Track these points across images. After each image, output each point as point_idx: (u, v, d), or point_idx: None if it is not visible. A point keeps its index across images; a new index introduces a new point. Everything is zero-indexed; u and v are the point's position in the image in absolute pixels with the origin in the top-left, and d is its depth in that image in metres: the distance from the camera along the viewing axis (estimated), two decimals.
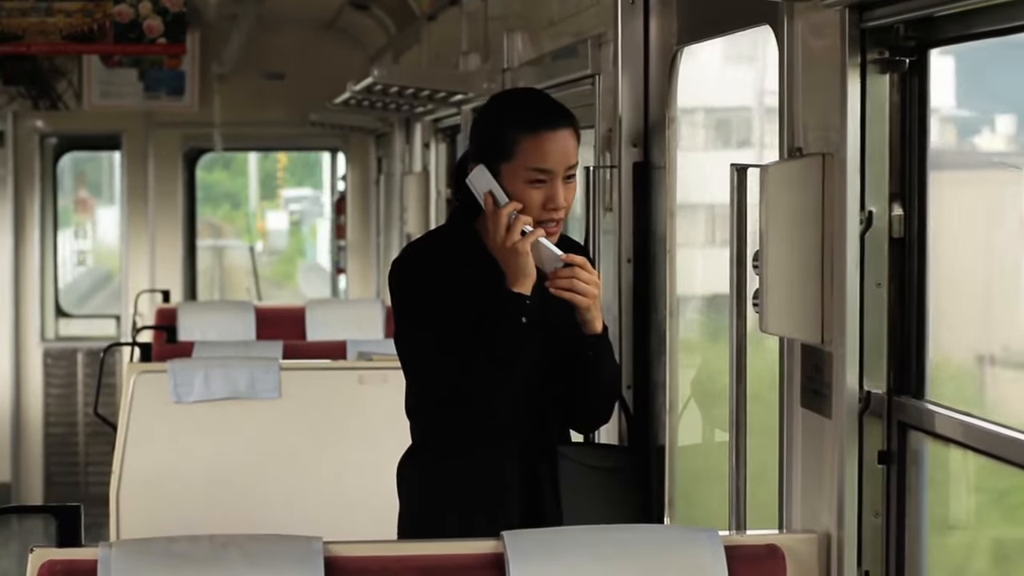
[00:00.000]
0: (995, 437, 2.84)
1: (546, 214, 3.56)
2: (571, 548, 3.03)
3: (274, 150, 16.08)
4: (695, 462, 4.48)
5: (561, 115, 3.61)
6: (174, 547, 2.95)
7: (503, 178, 3.56)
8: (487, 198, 3.56)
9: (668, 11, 4.37)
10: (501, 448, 3.63)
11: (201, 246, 12.15)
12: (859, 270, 3.12)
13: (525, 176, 3.54)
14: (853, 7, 3.04)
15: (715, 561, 3.03)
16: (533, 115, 3.57)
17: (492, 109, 3.70)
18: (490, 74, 6.45)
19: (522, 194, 3.55)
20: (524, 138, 3.54)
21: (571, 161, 3.57)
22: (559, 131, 3.56)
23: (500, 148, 3.56)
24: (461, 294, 3.57)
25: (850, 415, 3.12)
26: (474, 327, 3.53)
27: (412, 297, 3.61)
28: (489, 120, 3.65)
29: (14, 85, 11.35)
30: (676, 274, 4.32)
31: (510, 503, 3.62)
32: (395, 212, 10.15)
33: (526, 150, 3.54)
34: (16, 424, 11.59)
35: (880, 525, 3.16)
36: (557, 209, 3.56)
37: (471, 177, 3.58)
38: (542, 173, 3.54)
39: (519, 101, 3.72)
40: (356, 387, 5.41)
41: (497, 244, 3.55)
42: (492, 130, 3.60)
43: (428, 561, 3.06)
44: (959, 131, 3.21)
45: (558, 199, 3.55)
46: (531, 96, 3.75)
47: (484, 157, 3.58)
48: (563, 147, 3.56)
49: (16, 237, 11.59)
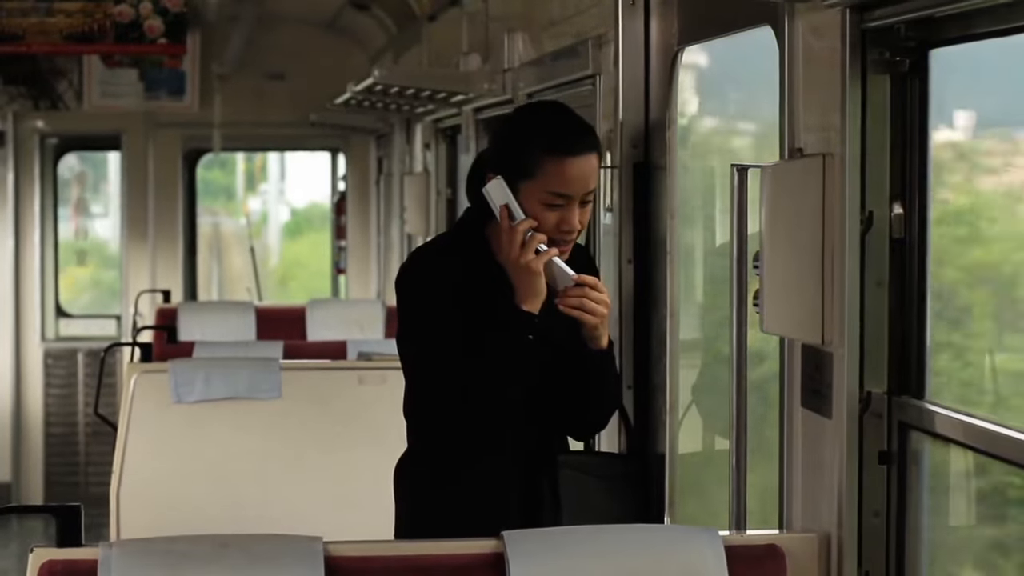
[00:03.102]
0: (995, 437, 2.84)
1: (560, 235, 3.54)
2: (571, 548, 3.03)
3: (274, 150, 16.18)
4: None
5: (587, 139, 3.56)
6: (174, 547, 2.95)
7: (521, 196, 3.53)
8: (503, 211, 3.53)
9: (669, 12, 4.37)
10: (501, 457, 3.62)
11: (201, 222, 12.73)
12: (859, 270, 3.12)
13: (544, 198, 3.52)
14: (854, 8, 3.04)
15: (715, 561, 3.03)
16: (560, 139, 3.52)
17: (519, 124, 3.66)
18: (490, 74, 6.44)
19: (538, 214, 3.52)
20: (548, 161, 3.50)
21: (591, 186, 3.54)
22: (583, 156, 3.52)
23: (522, 166, 3.52)
24: (467, 304, 3.56)
25: (850, 415, 3.12)
26: (478, 339, 3.51)
27: (418, 305, 3.59)
28: (515, 136, 3.61)
29: (14, 85, 11.34)
30: (677, 275, 4.32)
31: (510, 513, 3.60)
32: (395, 213, 10.15)
33: (549, 173, 3.50)
34: (16, 424, 11.59)
35: (880, 525, 3.16)
36: (571, 231, 3.55)
37: (488, 187, 3.55)
38: (561, 197, 3.51)
39: (548, 121, 3.62)
40: (356, 387, 5.41)
41: (510, 260, 3.52)
42: (517, 147, 3.56)
43: (428, 561, 3.06)
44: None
45: (573, 222, 3.53)
46: (560, 117, 3.64)
47: (505, 171, 3.56)
48: (585, 173, 3.52)
49: (16, 237, 11.58)
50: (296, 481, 5.31)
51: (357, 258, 11.95)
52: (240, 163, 18.72)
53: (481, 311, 3.54)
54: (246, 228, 15.79)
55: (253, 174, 19.63)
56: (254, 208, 18.66)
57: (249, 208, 18.03)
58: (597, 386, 3.66)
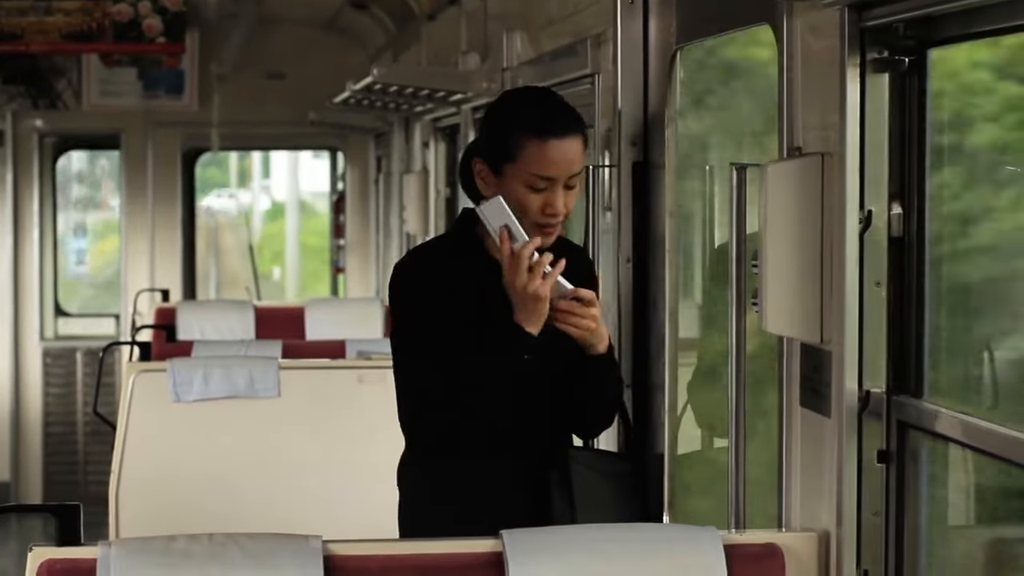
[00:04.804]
0: (994, 436, 2.84)
1: (544, 218, 3.53)
2: (570, 547, 3.03)
3: (273, 149, 16.23)
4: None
5: (570, 122, 3.54)
6: (173, 546, 2.95)
7: (505, 178, 3.53)
8: (502, 232, 3.45)
9: (667, 10, 4.37)
10: (497, 457, 3.61)
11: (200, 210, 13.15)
12: (858, 269, 3.12)
13: (527, 180, 3.51)
14: (853, 6, 3.04)
15: (714, 560, 3.03)
16: (541, 120, 3.51)
17: (502, 108, 3.65)
18: (489, 73, 6.44)
19: (522, 197, 3.52)
20: (530, 143, 3.49)
21: (575, 169, 3.53)
22: (566, 139, 3.51)
23: (505, 149, 3.52)
24: (461, 308, 3.55)
25: (849, 414, 3.12)
26: (472, 341, 3.49)
27: (410, 309, 3.58)
28: (497, 119, 3.61)
29: (13, 84, 11.34)
30: (676, 274, 4.32)
31: (517, 511, 3.58)
32: (394, 212, 10.15)
33: (530, 155, 3.49)
34: (15, 423, 11.59)
35: (879, 524, 3.16)
36: (555, 215, 3.54)
37: (484, 208, 3.48)
38: (544, 180, 3.50)
39: (529, 103, 3.62)
40: (355, 386, 5.41)
41: (515, 287, 3.46)
42: (499, 130, 3.56)
43: (427, 560, 3.06)
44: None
45: (557, 205, 3.51)
46: (542, 99, 3.64)
47: (488, 155, 3.56)
48: (568, 155, 3.51)
49: (15, 236, 11.58)
50: (295, 480, 5.31)
51: (356, 257, 11.95)
52: (233, 161, 20.50)
53: (474, 315, 3.53)
54: (240, 217, 17.07)
55: (245, 171, 21.77)
56: (245, 201, 21.13)
57: (242, 201, 20.22)
58: (595, 389, 3.65)
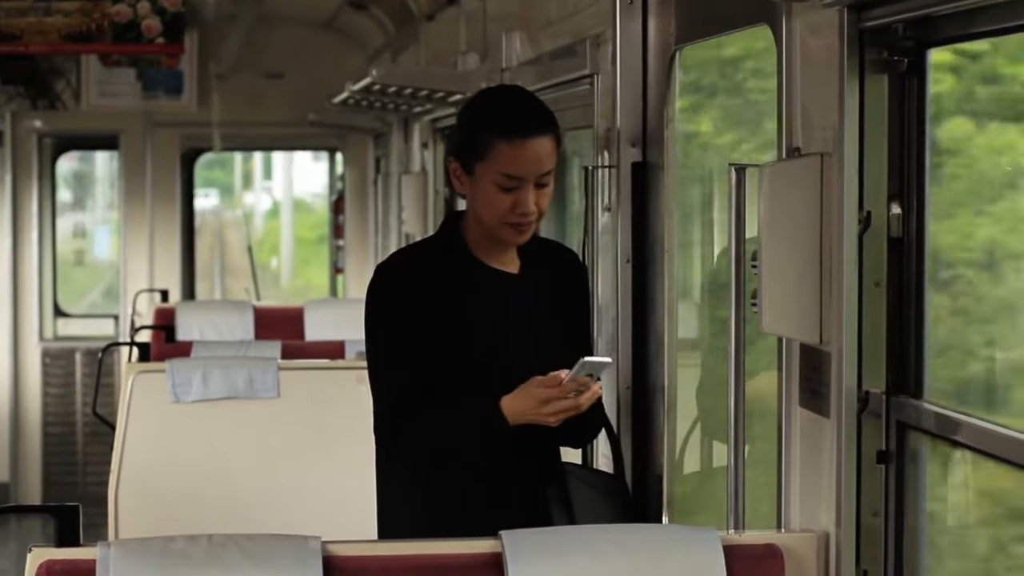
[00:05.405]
0: (994, 437, 2.84)
1: (515, 217, 3.56)
2: (570, 548, 3.03)
3: (272, 150, 16.24)
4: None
5: (540, 121, 3.57)
6: (172, 546, 2.95)
7: (476, 177, 3.56)
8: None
9: (667, 10, 4.37)
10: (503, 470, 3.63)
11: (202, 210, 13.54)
12: (857, 270, 3.12)
13: (497, 179, 3.53)
14: (852, 7, 3.04)
15: (714, 560, 3.03)
16: (510, 120, 3.55)
17: (473, 108, 3.68)
18: (488, 74, 6.44)
19: (492, 196, 3.54)
20: (498, 142, 3.52)
21: (544, 168, 3.55)
22: (535, 139, 3.53)
23: (476, 148, 3.55)
24: (442, 316, 3.57)
25: (848, 415, 3.12)
26: (447, 394, 3.55)
27: (388, 320, 3.64)
28: (468, 119, 3.64)
29: (12, 85, 11.33)
30: (675, 275, 4.31)
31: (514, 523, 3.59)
32: (393, 212, 10.14)
33: (499, 155, 3.52)
34: (15, 424, 11.58)
35: (879, 525, 3.16)
36: (527, 214, 3.55)
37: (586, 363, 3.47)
38: (513, 179, 3.53)
39: (500, 103, 3.66)
40: (354, 387, 5.40)
41: (542, 410, 3.48)
42: (470, 129, 3.59)
43: (427, 561, 3.06)
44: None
45: (528, 204, 3.54)
46: (513, 98, 3.68)
47: (460, 154, 3.59)
48: (537, 155, 3.53)
49: (14, 237, 11.58)
50: (294, 481, 5.31)
51: (355, 258, 11.94)
52: (238, 163, 21.12)
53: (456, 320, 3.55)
54: (242, 217, 17.78)
55: (249, 173, 22.42)
56: (248, 201, 21.90)
57: (245, 202, 20.97)
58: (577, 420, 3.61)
